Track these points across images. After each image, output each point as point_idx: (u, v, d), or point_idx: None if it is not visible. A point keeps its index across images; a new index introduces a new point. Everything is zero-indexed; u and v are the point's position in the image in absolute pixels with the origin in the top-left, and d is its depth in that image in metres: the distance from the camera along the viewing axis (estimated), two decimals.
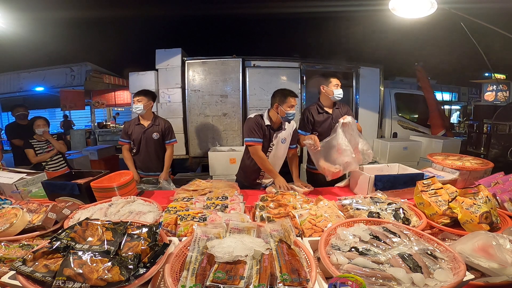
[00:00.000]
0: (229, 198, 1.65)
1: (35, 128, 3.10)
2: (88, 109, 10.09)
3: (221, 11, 7.96)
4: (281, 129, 2.18)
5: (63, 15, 5.32)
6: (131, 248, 0.91)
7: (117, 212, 1.43)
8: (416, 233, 1.11)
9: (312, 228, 1.25)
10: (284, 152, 2.26)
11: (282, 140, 2.19)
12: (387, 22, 2.90)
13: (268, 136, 2.15)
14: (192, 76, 4.20)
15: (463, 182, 2.01)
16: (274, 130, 2.16)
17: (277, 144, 2.19)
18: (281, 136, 2.18)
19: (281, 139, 2.19)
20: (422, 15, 2.27)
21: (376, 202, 1.49)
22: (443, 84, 9.49)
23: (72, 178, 2.01)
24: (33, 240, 1.20)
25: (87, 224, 1.02)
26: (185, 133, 4.30)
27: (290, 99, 2.03)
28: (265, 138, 2.14)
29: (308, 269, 0.89)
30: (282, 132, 2.18)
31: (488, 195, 1.36)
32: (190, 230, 1.21)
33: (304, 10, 6.16)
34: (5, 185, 1.79)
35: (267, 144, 2.16)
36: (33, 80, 9.93)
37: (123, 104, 9.75)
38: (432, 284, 0.81)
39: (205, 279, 0.81)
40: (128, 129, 2.62)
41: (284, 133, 2.19)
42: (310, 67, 4.52)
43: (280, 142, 2.19)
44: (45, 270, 0.80)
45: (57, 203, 1.44)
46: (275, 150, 2.20)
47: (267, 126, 2.13)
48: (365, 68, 4.63)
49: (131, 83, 4.34)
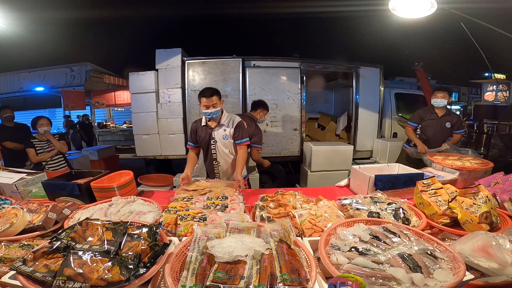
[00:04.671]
0: (229, 198, 1.66)
1: (38, 127, 3.11)
2: (88, 109, 10.09)
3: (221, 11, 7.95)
4: (219, 126, 2.26)
5: (63, 15, 5.32)
6: (131, 248, 0.91)
7: (117, 212, 1.44)
8: (416, 233, 1.11)
9: (312, 228, 1.25)
10: (230, 148, 2.32)
11: (224, 137, 2.27)
12: (387, 22, 2.89)
13: (207, 135, 2.27)
14: (192, 76, 4.20)
15: (463, 182, 2.01)
16: (211, 128, 2.26)
17: (219, 141, 2.27)
18: (221, 133, 2.26)
19: (222, 136, 2.27)
20: (422, 15, 2.27)
21: (376, 202, 1.49)
22: (443, 84, 9.48)
23: (72, 178, 2.01)
24: (33, 240, 1.20)
25: (87, 224, 1.02)
26: (185, 133, 4.30)
27: (202, 99, 2.13)
28: (205, 137, 2.28)
29: (308, 269, 0.89)
30: (220, 129, 2.26)
31: (488, 195, 1.36)
32: (190, 230, 1.21)
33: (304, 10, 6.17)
34: (5, 185, 1.79)
35: (208, 142, 2.29)
36: (33, 80, 9.94)
37: (123, 104, 9.72)
38: (432, 284, 0.81)
39: (205, 279, 0.81)
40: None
41: (223, 130, 2.26)
42: (310, 67, 4.51)
43: (221, 139, 2.27)
44: (45, 270, 0.80)
45: (57, 203, 1.44)
46: (218, 146, 2.29)
47: (204, 127, 2.28)
48: (365, 68, 4.62)
49: (131, 83, 4.34)
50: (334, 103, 6.42)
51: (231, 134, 2.25)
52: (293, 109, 4.32)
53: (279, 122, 4.31)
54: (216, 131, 2.25)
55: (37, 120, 3.14)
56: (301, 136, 4.40)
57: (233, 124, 2.26)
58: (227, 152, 2.31)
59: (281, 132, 4.32)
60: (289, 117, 4.32)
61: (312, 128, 5.43)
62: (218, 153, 2.31)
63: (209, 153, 2.33)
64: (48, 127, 3.15)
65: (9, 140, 3.41)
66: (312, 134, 5.32)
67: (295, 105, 4.31)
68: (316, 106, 6.15)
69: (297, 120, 4.34)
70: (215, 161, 2.34)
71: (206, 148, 2.32)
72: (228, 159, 2.34)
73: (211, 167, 2.38)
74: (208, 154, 2.33)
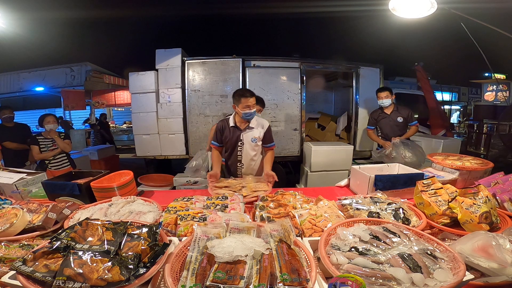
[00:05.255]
0: (229, 198, 1.66)
1: (44, 124, 3.11)
2: (88, 109, 10.08)
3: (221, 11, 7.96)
4: (249, 129, 2.24)
5: (63, 15, 5.32)
6: (131, 248, 0.91)
7: (117, 212, 1.43)
8: (416, 233, 1.11)
9: (312, 228, 1.25)
10: (256, 151, 2.31)
11: (253, 139, 2.25)
12: (387, 22, 2.90)
13: (235, 136, 2.25)
14: (192, 76, 4.20)
15: (463, 182, 2.01)
16: (240, 130, 2.23)
17: (247, 143, 2.25)
18: (249, 136, 2.24)
19: (251, 138, 2.24)
20: (422, 15, 2.27)
21: (376, 202, 1.49)
22: (443, 84, 9.49)
23: (72, 178, 2.01)
24: (33, 240, 1.20)
25: (87, 224, 1.02)
26: (185, 133, 4.30)
27: (243, 99, 2.09)
28: (232, 138, 2.25)
29: (308, 269, 0.89)
30: (249, 132, 2.24)
31: (488, 195, 1.36)
32: (190, 230, 1.21)
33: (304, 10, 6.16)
34: (5, 185, 1.79)
35: (235, 143, 2.26)
36: (33, 80, 9.93)
37: (123, 104, 9.73)
38: (432, 284, 0.81)
39: (205, 279, 0.81)
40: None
41: (253, 133, 2.24)
42: (310, 67, 4.52)
43: (250, 141, 2.25)
44: (45, 270, 0.80)
45: (57, 203, 1.44)
46: (245, 148, 2.26)
47: (232, 127, 2.25)
48: (365, 68, 4.63)
49: (131, 83, 4.34)
50: (334, 103, 6.42)
51: (260, 137, 2.25)
52: (293, 109, 4.32)
53: (279, 122, 4.31)
54: (245, 133, 2.23)
55: (44, 117, 3.16)
56: (301, 136, 4.41)
57: (263, 128, 2.26)
58: (253, 155, 2.29)
59: (281, 132, 4.32)
60: (289, 117, 4.32)
61: (312, 128, 5.43)
62: (244, 155, 2.28)
63: (233, 154, 2.30)
64: (54, 124, 3.16)
65: (9, 140, 3.42)
66: (312, 134, 5.32)
67: (295, 105, 4.32)
68: (316, 106, 6.15)
69: (297, 120, 4.34)
70: (239, 163, 2.31)
71: (231, 149, 2.29)
72: (252, 162, 2.32)
73: (234, 168, 2.35)
74: (233, 155, 2.31)
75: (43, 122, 3.13)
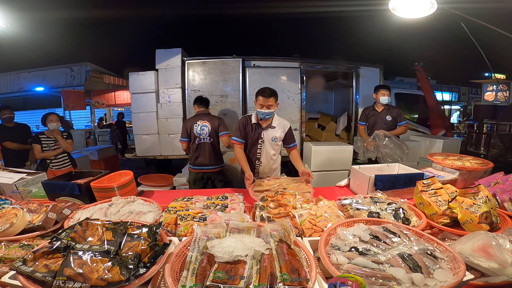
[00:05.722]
0: (229, 198, 1.66)
1: (47, 123, 3.11)
2: (88, 109, 10.08)
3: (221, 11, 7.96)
4: (270, 127, 2.23)
5: (63, 15, 5.32)
6: (131, 248, 0.91)
7: (117, 212, 1.43)
8: (416, 233, 1.11)
9: (312, 228, 1.25)
10: (276, 150, 2.30)
11: (273, 139, 2.23)
12: (387, 22, 2.90)
13: (256, 134, 2.23)
14: (192, 76, 4.20)
15: (463, 182, 2.01)
16: (262, 128, 2.22)
17: (267, 142, 2.24)
18: (270, 135, 2.22)
19: (272, 137, 2.23)
20: (422, 15, 2.27)
21: (376, 202, 1.49)
22: (443, 84, 9.48)
23: (72, 178, 2.01)
24: (33, 240, 1.20)
25: (87, 224, 1.02)
26: None
27: (260, 97, 2.10)
28: (253, 135, 2.23)
29: (308, 269, 0.89)
30: (271, 130, 2.23)
31: (488, 195, 1.36)
32: (190, 230, 1.21)
33: (304, 10, 6.17)
34: (5, 185, 1.79)
35: (256, 140, 2.25)
36: (33, 80, 9.93)
37: (123, 104, 9.73)
38: (432, 284, 0.81)
39: (205, 279, 0.81)
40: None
41: (274, 132, 2.23)
42: (310, 67, 4.51)
43: (270, 140, 2.23)
44: (45, 270, 0.80)
45: (57, 203, 1.44)
46: (265, 147, 2.25)
47: (254, 125, 2.22)
48: (365, 68, 4.63)
49: (131, 83, 4.34)
50: (334, 103, 6.42)
51: (281, 137, 2.24)
52: (293, 109, 4.32)
53: None
54: (266, 132, 2.22)
55: (47, 116, 3.15)
56: (301, 136, 4.41)
57: (284, 128, 2.25)
58: (272, 154, 2.28)
59: None
60: (289, 117, 4.32)
61: (312, 128, 5.43)
62: (263, 154, 2.27)
63: (252, 152, 2.29)
64: (57, 123, 3.15)
65: (9, 140, 3.42)
66: (312, 134, 5.32)
67: (295, 105, 4.31)
68: (316, 106, 6.15)
69: (297, 120, 4.34)
70: (257, 161, 2.30)
71: (251, 146, 2.28)
72: (270, 161, 2.30)
73: (252, 166, 2.30)
74: (252, 152, 2.29)
75: (46, 120, 3.12)
